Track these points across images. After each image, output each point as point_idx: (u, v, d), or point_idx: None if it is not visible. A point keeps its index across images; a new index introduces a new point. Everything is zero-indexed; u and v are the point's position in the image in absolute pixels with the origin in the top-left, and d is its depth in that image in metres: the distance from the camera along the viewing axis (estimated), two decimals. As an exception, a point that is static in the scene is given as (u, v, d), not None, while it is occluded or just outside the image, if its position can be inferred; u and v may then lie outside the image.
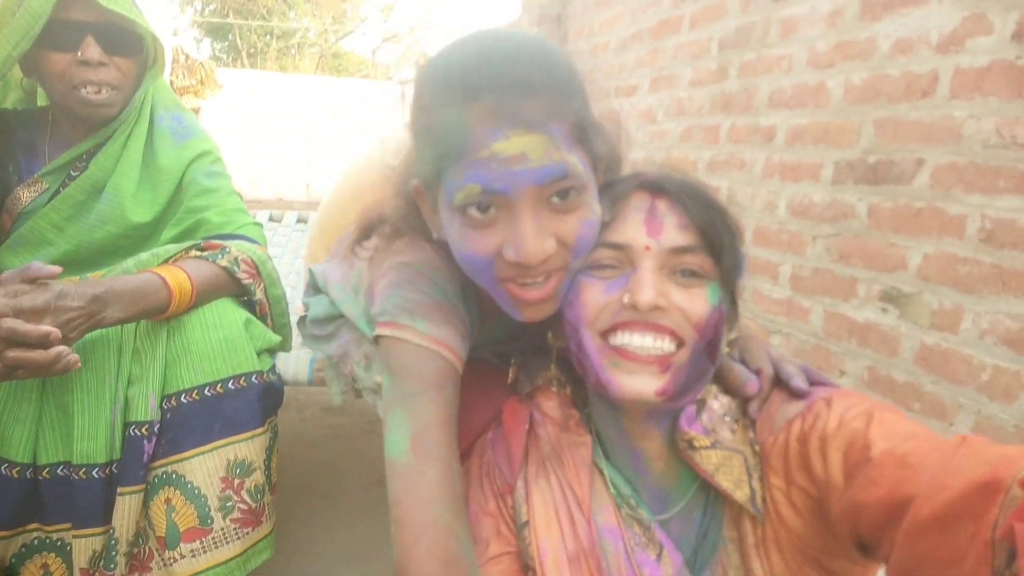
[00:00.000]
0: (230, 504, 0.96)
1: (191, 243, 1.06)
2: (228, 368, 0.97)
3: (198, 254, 1.03)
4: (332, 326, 0.99)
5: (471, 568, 0.61)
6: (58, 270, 0.85)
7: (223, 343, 0.97)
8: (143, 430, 0.93)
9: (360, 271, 0.90)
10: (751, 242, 2.04)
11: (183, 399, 0.95)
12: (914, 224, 1.50)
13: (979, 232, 1.35)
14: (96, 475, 0.94)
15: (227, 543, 0.96)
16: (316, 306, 1.01)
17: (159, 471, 0.95)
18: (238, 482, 0.97)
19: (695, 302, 0.63)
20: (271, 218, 2.44)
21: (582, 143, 0.64)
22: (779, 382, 0.67)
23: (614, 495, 0.70)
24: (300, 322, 1.09)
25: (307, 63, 18.85)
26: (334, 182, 1.53)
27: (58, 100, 1.08)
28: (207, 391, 0.96)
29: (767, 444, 0.64)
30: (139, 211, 1.12)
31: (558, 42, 2.89)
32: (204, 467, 0.95)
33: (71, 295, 0.84)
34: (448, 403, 0.68)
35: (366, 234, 0.86)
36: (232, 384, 0.97)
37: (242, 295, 1.08)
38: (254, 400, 0.99)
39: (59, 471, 0.95)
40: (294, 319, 1.18)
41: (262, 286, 1.10)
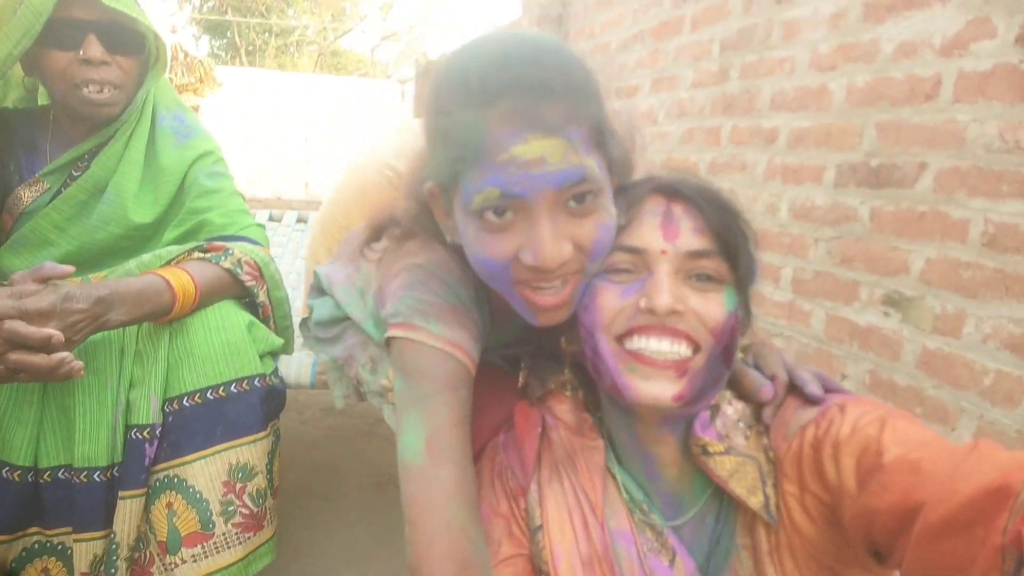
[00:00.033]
0: (232, 508, 0.95)
1: (194, 244, 1.06)
2: (230, 371, 0.96)
3: (201, 256, 1.02)
4: (337, 328, 0.99)
5: (485, 571, 0.61)
6: (71, 270, 0.84)
7: (225, 346, 0.96)
8: (145, 433, 0.92)
9: (367, 273, 0.89)
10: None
11: (185, 402, 0.94)
12: (916, 228, 1.50)
13: (982, 236, 1.35)
14: (97, 478, 0.93)
15: (229, 548, 0.95)
16: (320, 308, 1.00)
17: (161, 475, 0.94)
18: (240, 486, 0.96)
19: (711, 307, 0.63)
20: (271, 218, 2.43)
21: (599, 146, 0.64)
22: (793, 388, 0.67)
23: (626, 500, 0.69)
24: (303, 324, 1.08)
25: (306, 61, 18.78)
26: (334, 182, 1.53)
27: (60, 99, 1.07)
28: (209, 394, 0.95)
29: (781, 450, 0.63)
30: (141, 212, 1.11)
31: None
32: (206, 471, 0.94)
33: (77, 297, 0.83)
34: (462, 405, 0.68)
35: (376, 236, 0.85)
36: (234, 387, 0.96)
37: (245, 297, 1.07)
38: (256, 403, 0.98)
39: (60, 474, 0.94)
40: (296, 321, 1.17)
41: (265, 288, 1.09)
